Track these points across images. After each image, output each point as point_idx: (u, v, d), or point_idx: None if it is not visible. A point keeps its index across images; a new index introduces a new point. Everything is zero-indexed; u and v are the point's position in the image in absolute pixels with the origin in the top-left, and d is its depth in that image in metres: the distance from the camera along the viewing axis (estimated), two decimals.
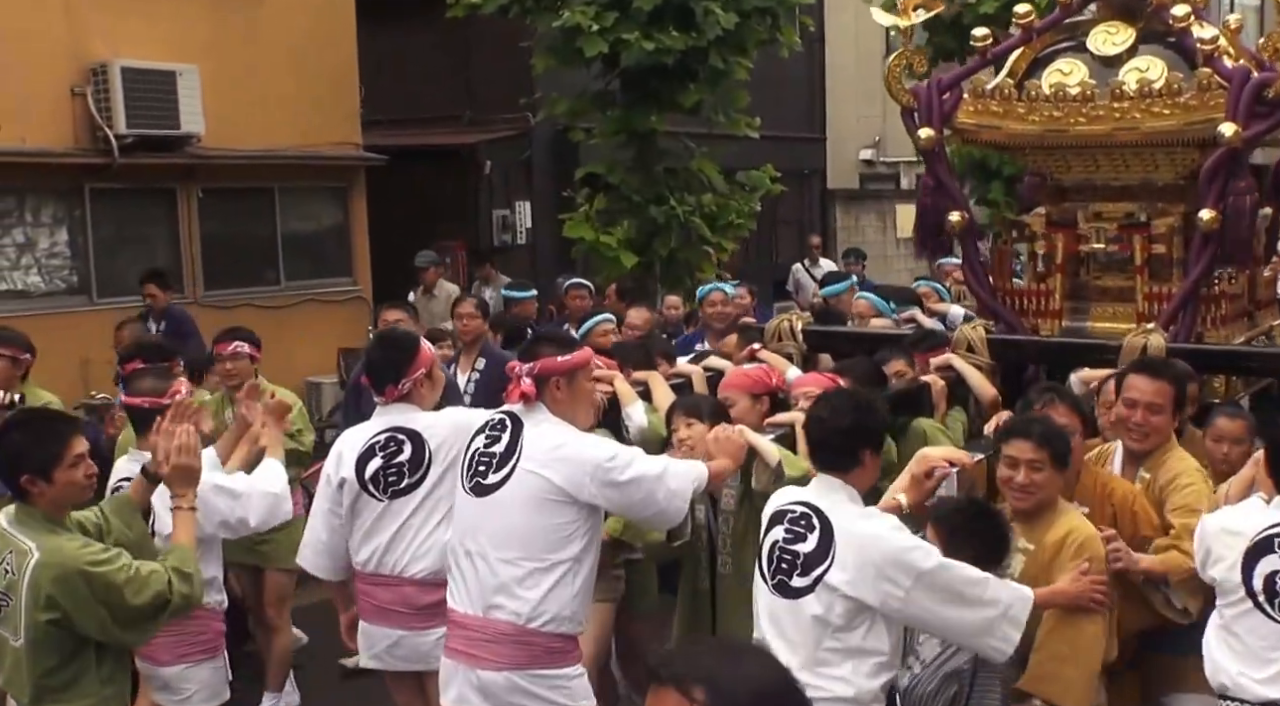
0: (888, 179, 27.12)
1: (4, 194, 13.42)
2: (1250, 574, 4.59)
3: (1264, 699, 4.55)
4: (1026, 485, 4.98)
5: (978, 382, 7.18)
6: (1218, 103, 7.15)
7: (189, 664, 5.88)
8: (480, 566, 5.03)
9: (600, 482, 4.97)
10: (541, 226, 17.89)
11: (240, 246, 14.37)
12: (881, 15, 8.18)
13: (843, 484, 4.65)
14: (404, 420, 5.74)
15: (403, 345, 5.93)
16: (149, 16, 13.90)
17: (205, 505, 5.64)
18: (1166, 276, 7.57)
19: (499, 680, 5.01)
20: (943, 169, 7.89)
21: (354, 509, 5.77)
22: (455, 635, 5.12)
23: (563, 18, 13.97)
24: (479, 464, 5.10)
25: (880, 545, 4.43)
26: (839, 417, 4.67)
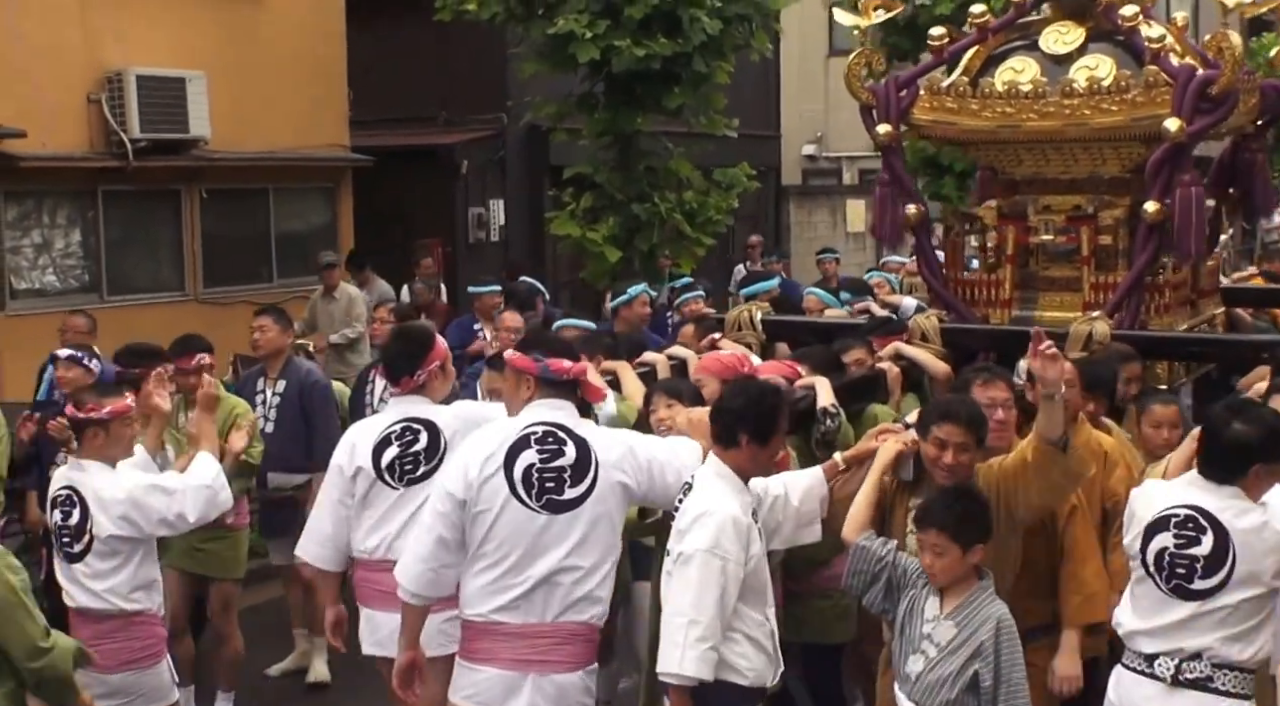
0: (830, 174, 26.53)
1: (24, 196, 13.29)
2: (1146, 546, 4.63)
3: (1146, 651, 4.65)
4: (954, 465, 4.83)
5: (929, 362, 6.95)
6: (1164, 99, 6.94)
7: (134, 670, 5.58)
8: (564, 581, 4.68)
9: (649, 478, 4.82)
10: (514, 224, 17.65)
11: (237, 245, 14.19)
12: (844, 15, 7.93)
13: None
14: (418, 411, 5.47)
15: (419, 338, 5.69)
16: (159, 25, 13.78)
17: (141, 506, 5.52)
18: (1112, 266, 7.34)
19: (574, 680, 4.74)
20: (899, 164, 7.65)
21: (367, 498, 5.46)
22: (516, 646, 4.68)
23: (557, 25, 13.74)
24: (545, 480, 4.68)
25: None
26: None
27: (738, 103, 15.48)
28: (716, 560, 4.46)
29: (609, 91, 14.38)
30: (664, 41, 13.78)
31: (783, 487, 4.96)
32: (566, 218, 14.57)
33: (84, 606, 5.54)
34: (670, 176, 14.77)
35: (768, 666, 4.66)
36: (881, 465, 4.97)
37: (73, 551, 5.52)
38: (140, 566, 5.56)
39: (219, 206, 14.57)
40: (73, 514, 5.50)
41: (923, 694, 4.53)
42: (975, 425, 4.88)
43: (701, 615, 4.43)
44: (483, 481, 4.69)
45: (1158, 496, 4.73)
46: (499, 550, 4.68)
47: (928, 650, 4.55)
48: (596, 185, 14.52)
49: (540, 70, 14.46)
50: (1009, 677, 4.46)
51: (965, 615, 4.52)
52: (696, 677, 4.43)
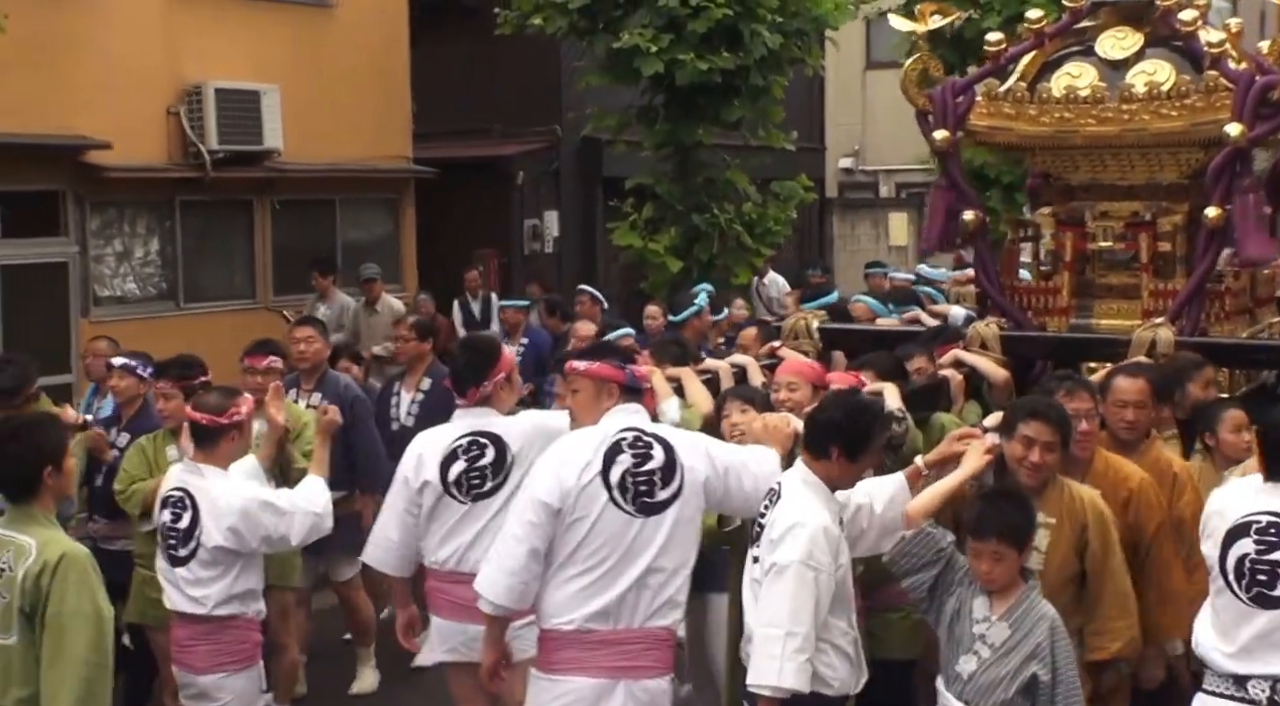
0: (867, 187, 25.87)
1: (107, 206, 13.22)
2: (1226, 554, 4.42)
3: (1229, 672, 4.40)
4: (1039, 464, 4.75)
5: (989, 368, 6.68)
6: (1224, 104, 6.67)
7: (226, 672, 5.48)
8: (654, 583, 4.58)
9: (725, 482, 4.74)
10: (568, 235, 17.40)
11: (305, 254, 13.95)
12: (900, 21, 7.65)
13: None
14: (485, 423, 5.34)
15: (486, 349, 5.57)
16: (235, 40, 13.70)
17: (251, 520, 5.37)
18: (1171, 273, 7.09)
19: (663, 686, 4.67)
20: (956, 170, 7.38)
21: (434, 511, 5.33)
22: (606, 653, 4.56)
23: (621, 39, 13.58)
24: (639, 483, 4.57)
25: None
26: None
27: (785, 116, 15.25)
28: (810, 572, 4.36)
29: (669, 104, 14.20)
30: (726, 55, 13.63)
31: (867, 496, 4.80)
32: (628, 229, 14.40)
33: (180, 610, 5.47)
34: (728, 188, 14.56)
35: (851, 674, 4.55)
36: (971, 470, 4.83)
37: (178, 555, 5.42)
38: (240, 577, 5.45)
39: (289, 216, 14.46)
40: (183, 517, 5.40)
41: (976, 694, 4.44)
42: (1063, 425, 4.82)
43: (798, 627, 4.32)
44: (580, 489, 4.56)
45: (1232, 505, 4.53)
46: (594, 556, 4.55)
47: (980, 651, 4.45)
48: (656, 196, 14.32)
49: (603, 83, 14.28)
50: (1065, 677, 4.38)
51: (1018, 616, 4.42)
52: (794, 690, 4.31)
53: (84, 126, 12.43)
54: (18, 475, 4.36)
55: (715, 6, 13.33)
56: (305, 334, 7.51)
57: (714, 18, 13.37)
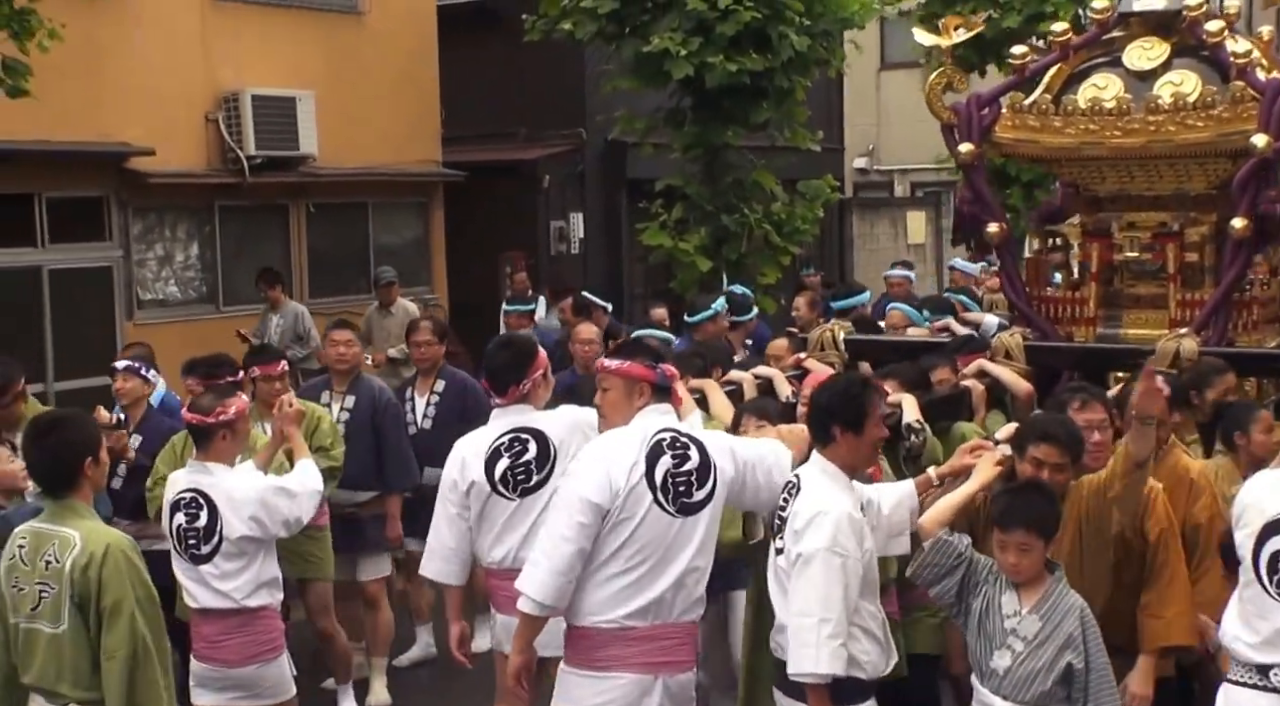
0: (882, 186, 25.53)
1: (148, 211, 13.32)
2: (1260, 549, 4.32)
3: (1253, 662, 4.35)
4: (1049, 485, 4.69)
5: (1011, 380, 6.59)
6: (1250, 114, 6.52)
7: (260, 663, 5.55)
8: (690, 582, 4.58)
9: (751, 479, 4.73)
10: (593, 236, 17.32)
11: (338, 257, 14.13)
12: (923, 35, 7.53)
13: None
14: (524, 420, 5.32)
15: (524, 348, 5.54)
16: (271, 48, 13.77)
17: (269, 507, 5.46)
18: (1199, 283, 6.96)
19: (691, 678, 4.70)
20: (981, 182, 7.25)
21: (484, 511, 5.28)
22: (646, 648, 4.54)
23: (651, 43, 13.49)
24: (678, 484, 4.55)
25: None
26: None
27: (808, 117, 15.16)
28: (837, 558, 4.35)
29: (697, 106, 14.11)
30: (755, 57, 13.53)
31: (876, 494, 4.78)
32: (657, 229, 14.31)
33: (208, 606, 5.49)
34: (755, 188, 14.47)
35: (882, 656, 4.56)
36: (982, 482, 4.80)
37: (200, 553, 5.45)
38: (263, 564, 5.52)
39: (323, 220, 14.51)
40: (200, 515, 5.43)
41: (1014, 688, 4.42)
42: (1073, 446, 4.78)
43: (830, 612, 4.33)
44: (630, 490, 4.52)
45: (1270, 500, 4.43)
46: (637, 556, 4.53)
47: (1014, 644, 4.42)
48: (685, 197, 14.25)
49: (633, 87, 14.20)
50: (1096, 663, 4.38)
51: (1048, 608, 4.42)
52: (832, 674, 4.32)
53: (127, 134, 12.55)
54: (59, 468, 4.39)
55: (744, 9, 13.22)
56: (344, 337, 7.44)
57: (742, 20, 13.24)
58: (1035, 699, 4.38)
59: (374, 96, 14.48)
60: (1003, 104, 7.11)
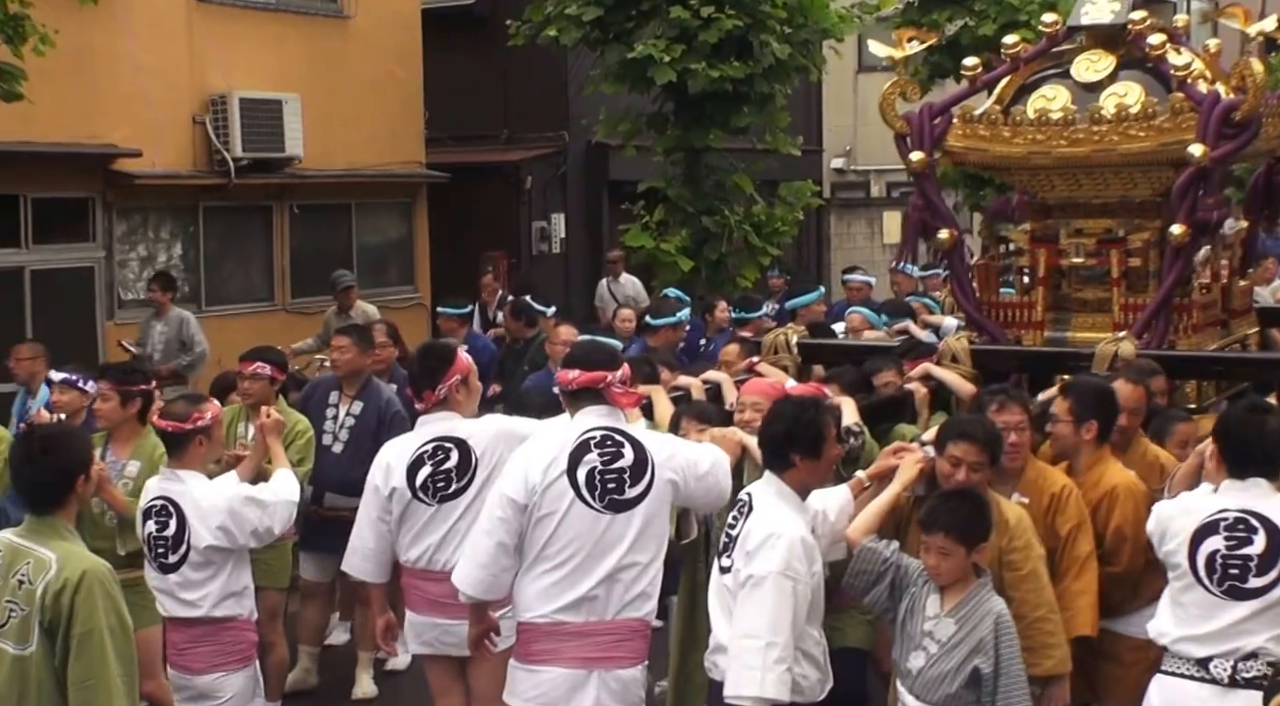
0: (858, 187, 25.76)
1: (132, 213, 13.46)
2: (1195, 552, 4.53)
3: (1197, 656, 4.53)
4: (965, 483, 4.82)
5: (956, 383, 6.70)
6: (1189, 125, 6.66)
7: (224, 672, 5.49)
8: (624, 578, 4.66)
9: (694, 478, 4.79)
10: (574, 237, 17.57)
11: (322, 258, 14.21)
12: (878, 47, 7.65)
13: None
14: (449, 428, 5.37)
15: (441, 354, 5.59)
16: (257, 51, 13.93)
17: (238, 517, 5.43)
18: (1142, 288, 7.08)
19: (635, 675, 4.73)
20: (932, 189, 7.37)
21: (404, 515, 5.38)
22: (579, 644, 4.65)
23: (636, 49, 13.73)
24: (606, 481, 4.65)
25: None
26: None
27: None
28: (789, 582, 4.37)
29: (680, 111, 14.35)
30: (736, 64, 13.78)
31: (822, 506, 4.85)
32: (640, 230, 14.55)
33: (175, 615, 5.49)
34: (735, 191, 14.71)
35: (820, 681, 4.60)
36: (904, 481, 4.92)
37: (168, 562, 5.42)
38: (232, 575, 5.48)
39: (306, 221, 14.66)
40: (169, 524, 5.39)
41: (924, 688, 4.51)
42: (990, 445, 4.88)
43: (778, 636, 4.33)
44: (546, 486, 4.65)
45: (1196, 505, 4.65)
46: (564, 552, 4.64)
47: (929, 646, 4.51)
48: (667, 199, 14.47)
49: (617, 91, 14.44)
50: (1008, 670, 4.42)
51: (965, 612, 4.49)
52: (776, 699, 4.33)
53: (114, 135, 12.69)
54: (53, 485, 4.25)
55: (725, 18, 13.48)
56: (339, 343, 7.50)
57: (724, 28, 13.52)
58: (942, 700, 4.46)
59: (359, 99, 14.63)
60: (954, 114, 7.22)
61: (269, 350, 7.13)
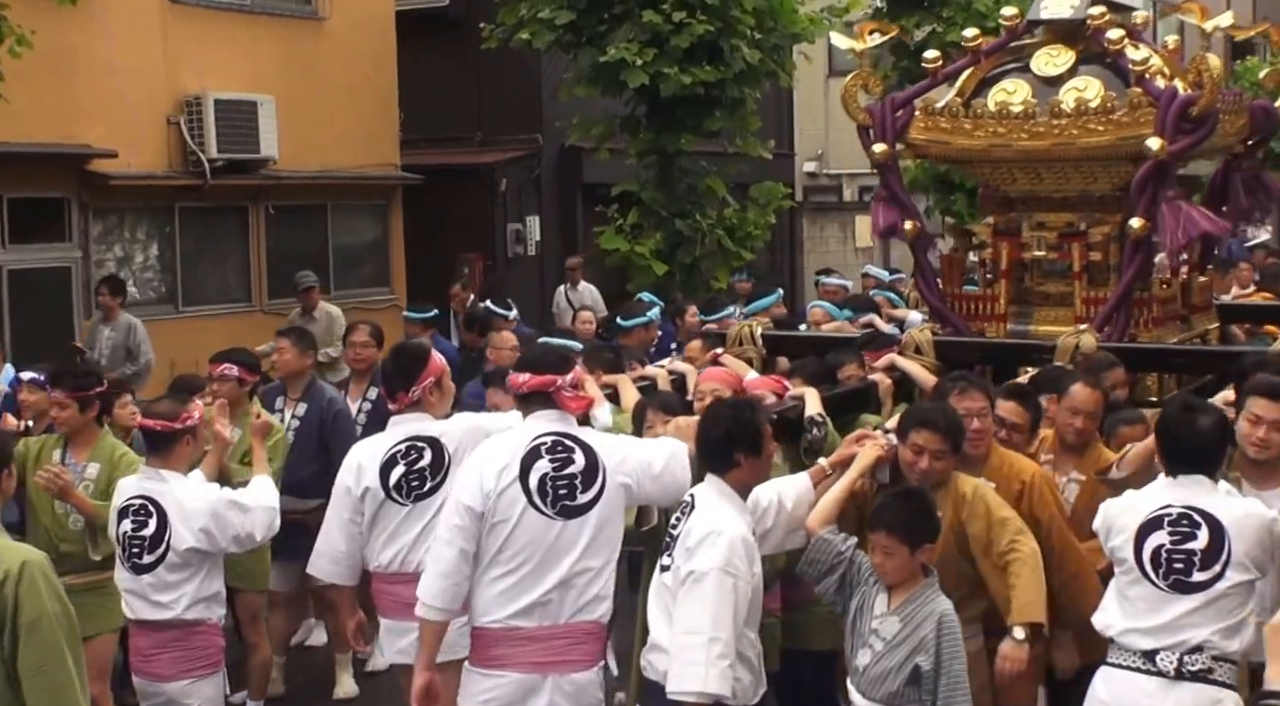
0: (830, 191, 25.74)
1: (108, 213, 13.41)
2: (1140, 547, 4.56)
3: (1143, 648, 4.55)
4: (928, 471, 4.84)
5: (920, 375, 6.71)
6: (1148, 119, 6.70)
7: (193, 678, 5.45)
8: (578, 583, 4.61)
9: (648, 479, 4.74)
10: (549, 239, 17.58)
11: (298, 259, 14.11)
12: (840, 39, 7.69)
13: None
14: (420, 428, 5.35)
15: (415, 354, 5.57)
16: (232, 52, 13.90)
17: (221, 520, 5.38)
18: (1103, 281, 7.12)
19: (590, 677, 4.68)
20: (895, 181, 7.43)
21: (376, 516, 5.34)
22: (533, 648, 4.60)
23: (609, 53, 13.76)
24: (558, 487, 4.61)
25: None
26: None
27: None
28: (729, 578, 4.34)
29: (652, 114, 14.37)
30: (708, 69, 13.82)
31: (775, 494, 4.82)
32: (613, 233, 14.55)
33: (144, 618, 5.42)
34: (708, 194, 14.73)
35: (753, 685, 4.53)
36: (860, 468, 4.90)
37: (142, 562, 5.36)
38: (206, 579, 5.44)
39: (282, 222, 14.64)
40: (148, 524, 5.34)
41: (869, 685, 4.50)
42: (952, 433, 4.87)
43: (720, 632, 4.30)
44: (499, 492, 4.60)
45: (1140, 502, 4.67)
46: (517, 557, 4.60)
47: (874, 644, 4.50)
48: (640, 202, 14.48)
49: (590, 95, 14.45)
50: (949, 670, 4.39)
51: (910, 611, 4.46)
52: (719, 695, 4.29)
53: (89, 136, 12.63)
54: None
55: (697, 22, 13.51)
56: (279, 344, 7.53)
57: (696, 33, 13.54)
58: (886, 697, 4.44)
59: (333, 101, 14.61)
60: (916, 106, 7.25)
61: (239, 351, 7.09)
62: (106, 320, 11.42)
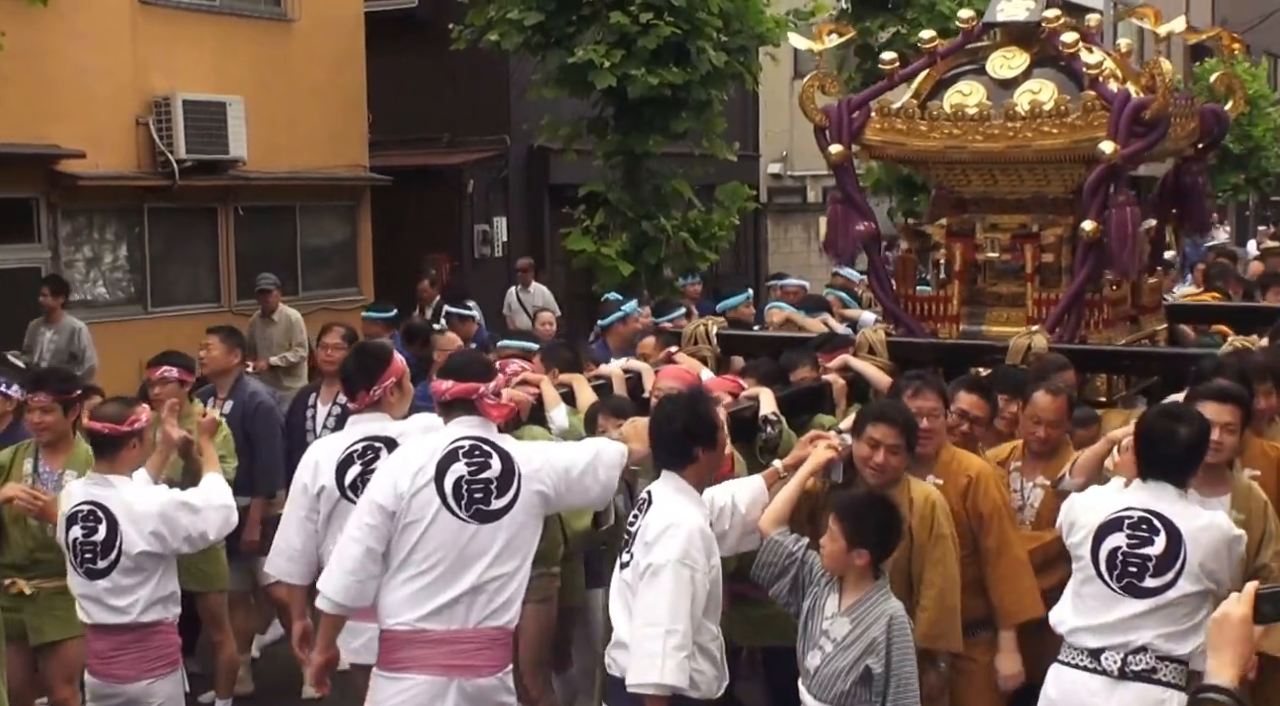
0: (795, 192, 25.52)
1: (78, 214, 13.34)
2: (1098, 546, 4.58)
3: (1090, 647, 4.57)
4: (883, 465, 4.84)
5: (874, 375, 6.70)
6: (1101, 123, 6.69)
7: (154, 678, 5.41)
8: (491, 587, 4.57)
9: (565, 486, 4.71)
10: (516, 239, 17.57)
11: (267, 260, 14.08)
12: (798, 39, 7.68)
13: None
14: (378, 428, 5.27)
15: (376, 354, 5.50)
16: (201, 53, 13.85)
17: (171, 522, 5.33)
18: (1055, 283, 7.10)
19: (494, 683, 4.64)
20: (851, 183, 7.40)
21: (331, 516, 5.24)
22: (440, 652, 4.56)
23: (576, 54, 13.74)
24: (473, 490, 4.58)
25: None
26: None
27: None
28: (686, 570, 4.34)
29: (619, 116, 14.35)
30: (675, 70, 13.82)
31: (729, 497, 4.81)
32: (580, 234, 14.52)
33: (101, 622, 5.36)
34: (674, 196, 14.72)
35: (715, 678, 4.51)
36: (811, 467, 4.89)
37: (96, 567, 5.30)
38: (161, 580, 5.40)
39: (251, 223, 14.59)
40: (98, 529, 5.27)
41: (819, 687, 4.48)
42: (908, 430, 4.89)
43: (677, 624, 4.29)
44: (414, 493, 4.56)
45: (1104, 501, 4.69)
46: (428, 559, 4.56)
47: (825, 645, 4.48)
48: (607, 203, 14.45)
49: (557, 96, 14.44)
50: (899, 672, 4.37)
51: (861, 612, 4.44)
52: (677, 686, 4.28)
53: (57, 136, 12.54)
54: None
55: (664, 24, 13.50)
56: (208, 342, 7.49)
57: (663, 34, 13.52)
58: (836, 698, 4.42)
59: (302, 102, 14.56)
60: (872, 108, 7.23)
61: (176, 354, 7.01)
62: (49, 322, 11.07)
